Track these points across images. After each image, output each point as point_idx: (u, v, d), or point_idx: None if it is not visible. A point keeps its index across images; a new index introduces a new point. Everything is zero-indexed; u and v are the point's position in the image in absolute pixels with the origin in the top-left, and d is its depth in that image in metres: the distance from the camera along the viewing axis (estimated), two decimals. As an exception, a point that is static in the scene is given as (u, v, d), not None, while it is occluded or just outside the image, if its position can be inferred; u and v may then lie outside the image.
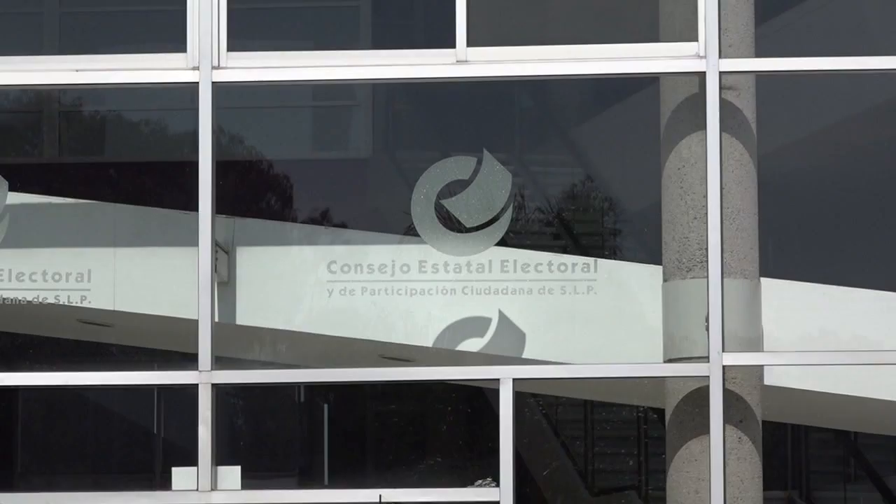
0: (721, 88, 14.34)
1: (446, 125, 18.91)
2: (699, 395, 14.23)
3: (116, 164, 20.55)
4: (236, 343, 15.09)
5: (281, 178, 22.36)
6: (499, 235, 14.86)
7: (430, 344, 14.94)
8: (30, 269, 15.10)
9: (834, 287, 15.27)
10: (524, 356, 14.87)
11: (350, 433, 25.04)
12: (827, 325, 15.03)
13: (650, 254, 14.91)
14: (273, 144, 21.91)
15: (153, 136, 20.55)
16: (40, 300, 15.10)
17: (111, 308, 15.23)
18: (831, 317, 15.13)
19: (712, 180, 14.29)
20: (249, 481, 14.57)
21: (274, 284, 15.16)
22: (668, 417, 14.58)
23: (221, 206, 14.61)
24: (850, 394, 15.37)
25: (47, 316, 15.40)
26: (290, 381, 18.19)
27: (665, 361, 14.49)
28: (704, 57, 14.36)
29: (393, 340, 15.04)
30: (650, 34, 14.77)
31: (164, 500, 15.46)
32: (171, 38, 14.79)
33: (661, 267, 14.61)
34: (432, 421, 24.40)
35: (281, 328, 15.18)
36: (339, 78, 16.30)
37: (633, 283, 15.01)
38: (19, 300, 15.13)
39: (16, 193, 15.12)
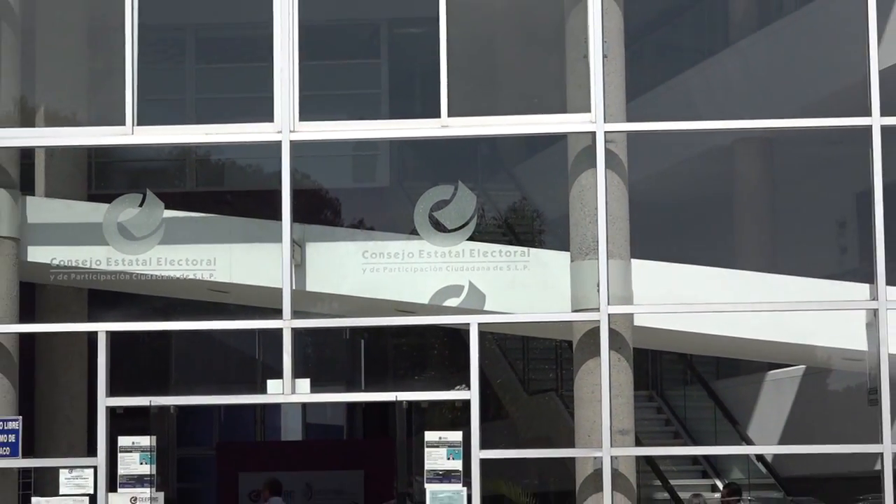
0: (605, 142, 14.32)
1: (435, 165, 18.87)
2: (594, 332, 14.21)
3: (231, 192, 20.50)
4: (306, 302, 15.06)
5: (333, 198, 22.26)
6: (468, 234, 14.76)
7: (426, 301, 14.88)
8: (178, 257, 14.99)
9: (677, 265, 15.29)
10: (485, 309, 14.82)
11: (377, 358, 24.94)
12: (672, 288, 14.94)
13: (563, 244, 14.84)
14: (327, 178, 21.83)
15: (253, 173, 20.49)
16: (184, 276, 15.02)
17: (229, 281, 15.15)
18: (675, 283, 15.07)
19: (600, 199, 14.25)
20: (315, 387, 14.63)
21: (329, 265, 15.04)
22: (574, 345, 14.53)
23: (296, 216, 14.53)
24: (686, 330, 15.37)
25: (189, 286, 15.33)
26: (339, 325, 18.18)
27: (573, 311, 14.44)
28: (595, 122, 14.32)
29: (403, 300, 14.99)
30: (561, 107, 14.78)
31: (262, 400, 15.49)
32: (264, 112, 14.73)
33: (569, 252, 14.57)
34: (428, 350, 24.30)
35: (333, 293, 15.08)
36: (367, 137, 16.38)
37: (552, 263, 14.93)
38: (172, 276, 15.15)
39: (168, 210, 15.06)
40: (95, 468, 14.21)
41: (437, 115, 14.50)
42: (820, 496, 20.33)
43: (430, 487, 14.07)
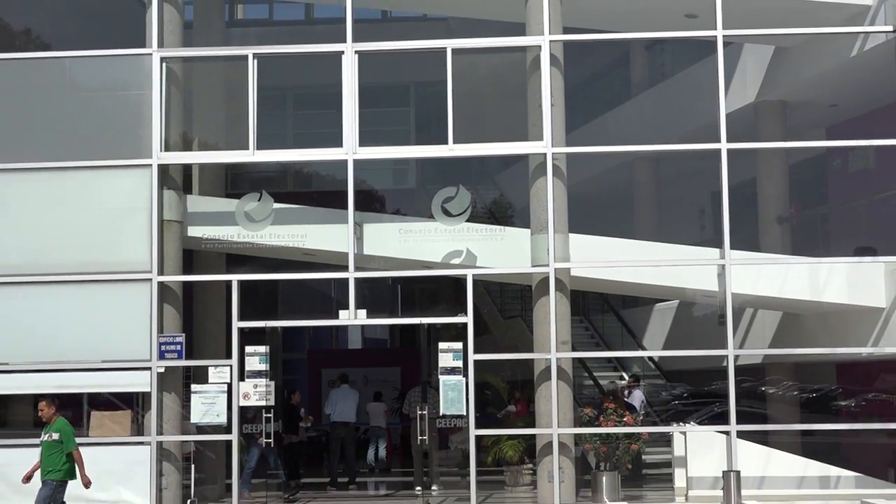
0: (553, 160, 14.31)
1: (445, 175, 18.75)
2: (545, 280, 14.21)
3: (316, 191, 20.29)
4: (363, 261, 15.00)
5: (380, 195, 22.11)
6: (466, 218, 14.74)
7: (439, 260, 14.82)
8: (283, 233, 14.89)
9: (598, 237, 15.18)
10: (476, 265, 14.78)
11: (408, 296, 24.79)
12: (595, 252, 14.87)
13: (525, 224, 14.81)
14: (377, 182, 21.69)
15: (330, 179, 20.33)
16: (287, 245, 14.99)
17: (315, 248, 15.07)
18: (597, 248, 14.96)
19: (549, 196, 14.26)
20: (369, 315, 14.54)
21: (378, 237, 14.93)
22: (533, 288, 14.49)
23: (357, 207, 14.49)
24: (604, 278, 15.33)
25: (290, 251, 15.21)
26: (385, 275, 17.96)
27: (532, 266, 14.42)
28: (546, 147, 14.31)
29: (426, 259, 14.92)
30: (524, 137, 14.69)
31: (336, 322, 15.32)
32: (336, 141, 14.66)
33: (529, 229, 14.53)
34: (441, 292, 24.12)
35: (381, 255, 14.99)
36: (402, 156, 16.32)
37: (520, 237, 14.86)
38: (279, 245, 15.03)
39: (276, 203, 15.00)
40: (231, 366, 14.33)
41: (446, 142, 14.44)
42: (688, 382, 20.40)
43: (442, 378, 14.14)
